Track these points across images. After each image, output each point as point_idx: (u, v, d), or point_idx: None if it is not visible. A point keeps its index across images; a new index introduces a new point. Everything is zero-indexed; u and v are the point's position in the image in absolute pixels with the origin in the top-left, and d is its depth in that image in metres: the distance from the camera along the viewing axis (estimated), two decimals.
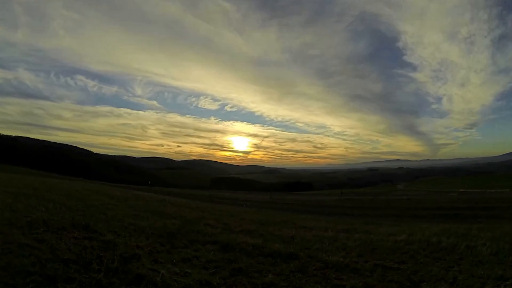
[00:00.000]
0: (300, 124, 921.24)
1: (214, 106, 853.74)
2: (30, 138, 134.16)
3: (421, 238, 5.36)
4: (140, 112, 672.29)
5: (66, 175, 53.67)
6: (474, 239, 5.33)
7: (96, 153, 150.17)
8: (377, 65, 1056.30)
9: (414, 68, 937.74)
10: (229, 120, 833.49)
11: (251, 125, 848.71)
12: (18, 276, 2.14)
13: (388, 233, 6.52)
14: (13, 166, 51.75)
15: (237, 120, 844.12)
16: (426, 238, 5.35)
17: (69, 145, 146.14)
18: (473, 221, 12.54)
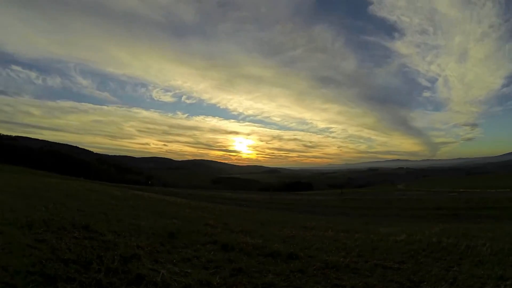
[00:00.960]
0: (277, 119, 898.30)
1: (169, 98, 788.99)
2: (30, 138, 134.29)
3: (421, 238, 5.37)
4: (104, 107, 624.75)
5: (66, 175, 53.69)
6: (474, 239, 5.33)
7: (96, 153, 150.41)
8: (336, 25, 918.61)
9: (388, 30, 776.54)
10: (198, 115, 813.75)
11: (226, 121, 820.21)
12: (18, 276, 2.14)
13: (388, 233, 6.52)
14: (13, 166, 51.75)
15: (206, 114, 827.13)
16: (426, 238, 5.36)
17: (69, 145, 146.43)
18: (473, 221, 12.55)
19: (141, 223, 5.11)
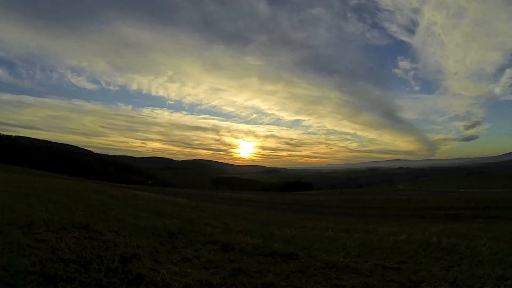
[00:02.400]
0: (245, 113, 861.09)
1: (94, 85, 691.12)
2: (30, 138, 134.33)
3: (421, 238, 5.37)
4: (44, 99, 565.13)
5: (66, 175, 53.71)
6: (474, 239, 5.33)
7: (96, 153, 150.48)
8: None
9: None
10: (148, 106, 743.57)
11: (192, 116, 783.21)
12: (18, 276, 2.14)
13: (388, 233, 6.52)
14: (13, 166, 51.75)
15: (162, 108, 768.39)
16: (426, 238, 5.36)
17: (69, 145, 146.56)
18: (473, 221, 12.55)
19: (141, 223, 5.11)
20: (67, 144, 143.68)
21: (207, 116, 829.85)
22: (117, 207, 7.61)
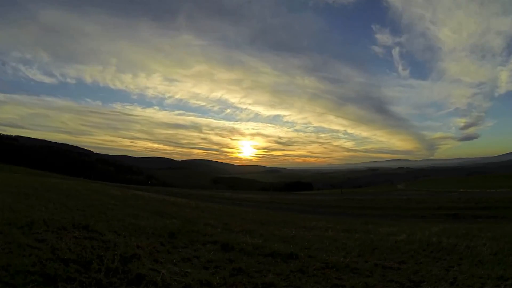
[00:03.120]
0: (217, 108, 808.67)
1: (51, 79, 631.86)
2: (30, 138, 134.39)
3: (421, 238, 5.36)
4: (14, 96, 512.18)
5: (66, 175, 53.72)
6: (474, 239, 5.33)
7: (96, 153, 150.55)
8: None
9: None
10: (116, 102, 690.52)
11: (167, 113, 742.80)
12: (18, 275, 2.14)
13: (388, 233, 6.52)
14: (13, 166, 51.76)
15: (132, 103, 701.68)
16: (426, 238, 5.35)
17: (69, 145, 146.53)
18: (473, 221, 12.56)
19: (141, 223, 5.11)
20: (67, 144, 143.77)
21: (181, 112, 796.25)
22: (117, 207, 7.61)
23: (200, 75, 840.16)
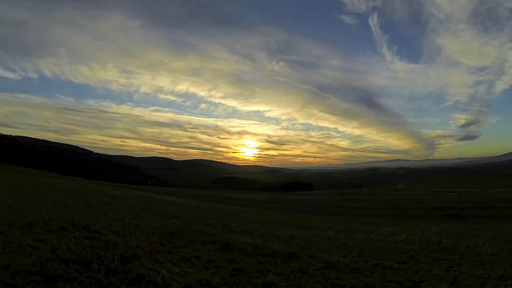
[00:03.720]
0: (189, 103, 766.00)
1: (13, 74, 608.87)
2: (30, 138, 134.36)
3: (421, 238, 5.36)
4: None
5: (66, 175, 53.71)
6: (474, 239, 5.33)
7: (96, 153, 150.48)
8: None
9: None
10: (88, 98, 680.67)
11: (142, 109, 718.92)
12: (18, 275, 2.14)
13: (388, 233, 6.52)
14: (13, 166, 51.74)
15: (105, 99, 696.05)
16: (426, 238, 5.35)
17: (69, 145, 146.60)
18: (473, 221, 12.55)
19: (141, 223, 5.11)
20: (67, 144, 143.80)
21: (156, 108, 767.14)
22: (117, 207, 7.61)
23: (154, 65, 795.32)
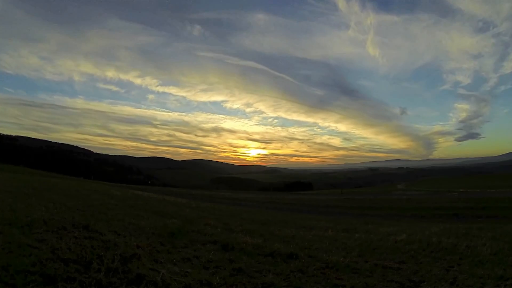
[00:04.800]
0: (151, 95, 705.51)
1: None
2: (30, 138, 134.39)
3: (421, 238, 5.36)
4: None
5: (66, 175, 53.72)
6: (474, 239, 5.33)
7: (96, 153, 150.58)
8: None
9: None
10: (43, 92, 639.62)
11: (100, 103, 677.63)
12: (18, 275, 2.14)
13: (388, 233, 6.52)
14: (13, 166, 51.73)
15: (64, 94, 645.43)
16: (426, 238, 5.35)
17: (69, 145, 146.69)
18: (473, 221, 12.55)
19: (141, 223, 5.11)
20: (67, 144, 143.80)
21: (110, 101, 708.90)
22: (117, 207, 7.61)
23: (61, 50, 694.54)
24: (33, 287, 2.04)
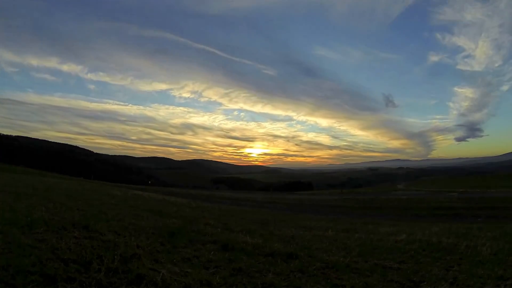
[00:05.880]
0: (92, 86, 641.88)
1: None
2: (30, 138, 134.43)
3: (421, 238, 5.36)
4: None
5: (66, 175, 53.68)
6: (474, 239, 5.33)
7: (96, 153, 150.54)
8: None
9: None
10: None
11: (59, 99, 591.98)
12: (18, 275, 2.14)
13: (388, 233, 6.52)
14: (13, 166, 51.69)
15: (24, 90, 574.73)
16: (426, 238, 5.35)
17: (69, 145, 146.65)
18: (473, 221, 12.56)
19: (141, 223, 5.10)
20: (67, 144, 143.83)
21: (61, 94, 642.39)
22: (117, 207, 7.60)
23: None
24: (33, 287, 2.04)
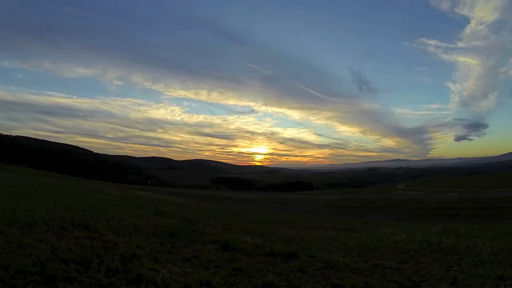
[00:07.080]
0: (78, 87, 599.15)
1: None
2: (30, 138, 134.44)
3: (421, 238, 5.36)
4: None
5: (66, 175, 53.67)
6: (474, 239, 5.33)
7: (96, 153, 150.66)
8: None
9: None
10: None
11: (34, 96, 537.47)
12: (18, 275, 2.14)
13: (388, 233, 6.52)
14: (13, 166, 51.70)
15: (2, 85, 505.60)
16: (426, 238, 5.35)
17: (69, 145, 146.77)
18: (473, 221, 12.55)
19: (141, 223, 5.10)
20: (67, 144, 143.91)
21: (61, 94, 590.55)
22: (117, 207, 7.60)
23: None
24: (33, 287, 2.04)
